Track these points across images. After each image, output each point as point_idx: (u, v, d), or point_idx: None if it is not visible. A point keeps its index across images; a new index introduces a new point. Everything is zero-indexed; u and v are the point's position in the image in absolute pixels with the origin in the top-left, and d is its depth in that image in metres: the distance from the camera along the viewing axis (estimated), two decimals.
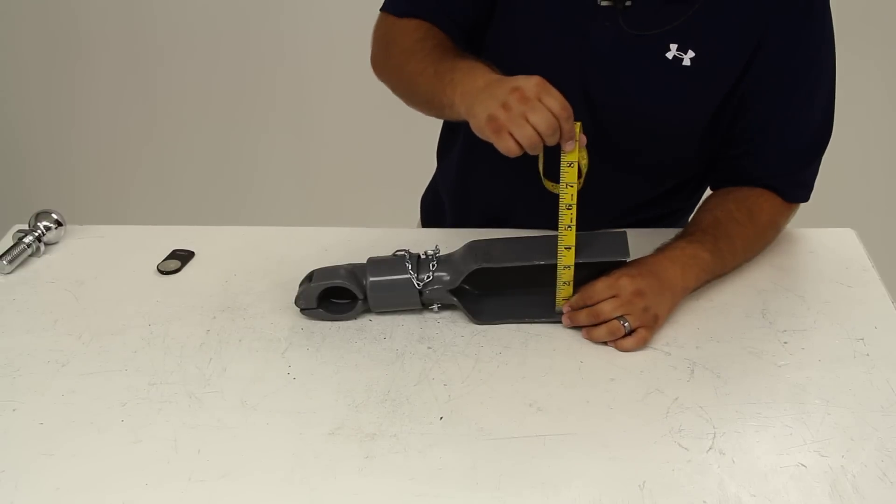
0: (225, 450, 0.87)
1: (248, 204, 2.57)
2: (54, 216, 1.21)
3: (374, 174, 2.50)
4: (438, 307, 1.06)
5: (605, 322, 1.00)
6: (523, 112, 0.92)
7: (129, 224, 1.28)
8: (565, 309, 1.03)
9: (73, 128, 2.58)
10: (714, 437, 0.87)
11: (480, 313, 1.05)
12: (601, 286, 1.01)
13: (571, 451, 0.86)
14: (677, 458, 0.85)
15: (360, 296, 1.04)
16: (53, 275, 1.16)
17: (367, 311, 1.06)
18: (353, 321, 1.05)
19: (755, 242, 1.15)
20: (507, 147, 0.94)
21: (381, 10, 1.20)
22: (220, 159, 2.55)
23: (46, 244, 1.21)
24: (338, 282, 1.03)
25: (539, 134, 0.92)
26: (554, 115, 0.93)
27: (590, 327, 1.01)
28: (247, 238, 1.23)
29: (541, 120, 0.92)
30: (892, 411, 0.90)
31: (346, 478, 0.84)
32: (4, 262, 1.15)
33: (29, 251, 1.18)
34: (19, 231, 1.19)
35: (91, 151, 2.60)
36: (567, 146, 0.95)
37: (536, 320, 1.04)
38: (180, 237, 1.22)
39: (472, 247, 1.04)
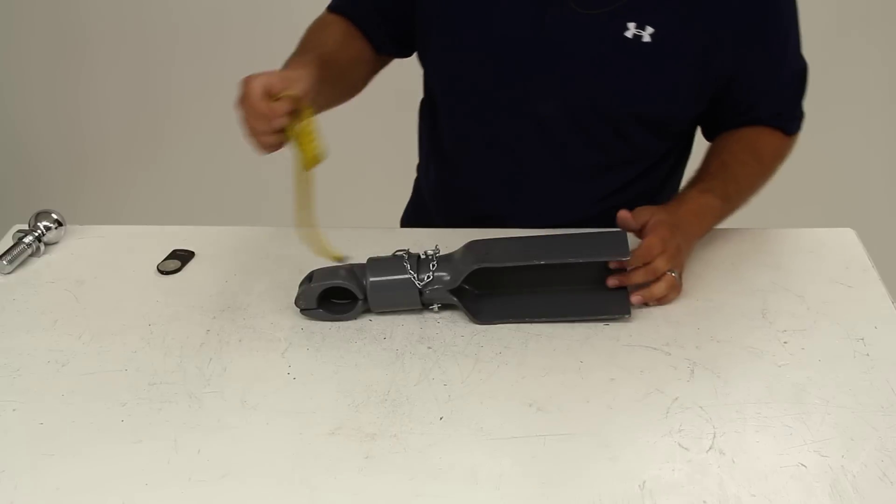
0: (225, 450, 0.87)
1: (248, 204, 2.57)
2: (54, 216, 1.22)
3: (375, 174, 2.50)
4: (438, 307, 1.06)
5: (659, 278, 1.04)
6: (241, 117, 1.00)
7: (129, 224, 1.28)
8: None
9: (73, 128, 2.58)
10: (714, 437, 0.87)
11: (480, 313, 1.04)
12: (657, 242, 1.03)
13: (571, 451, 0.86)
14: (677, 458, 0.85)
15: (360, 296, 1.04)
16: (53, 275, 1.16)
17: (367, 311, 1.06)
18: (353, 321, 1.05)
19: (760, 180, 1.21)
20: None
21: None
22: (220, 159, 2.55)
23: (46, 244, 1.21)
24: (338, 282, 1.03)
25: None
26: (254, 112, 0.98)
27: (645, 289, 1.04)
28: (247, 238, 1.23)
29: (244, 120, 0.99)
30: (892, 411, 0.90)
31: (346, 478, 0.84)
32: (4, 262, 1.15)
33: (29, 251, 1.18)
34: (19, 231, 1.19)
35: (91, 151, 2.61)
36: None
37: (536, 320, 1.04)
38: (180, 237, 1.22)
39: (472, 247, 1.04)
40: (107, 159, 2.60)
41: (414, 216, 1.46)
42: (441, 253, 1.06)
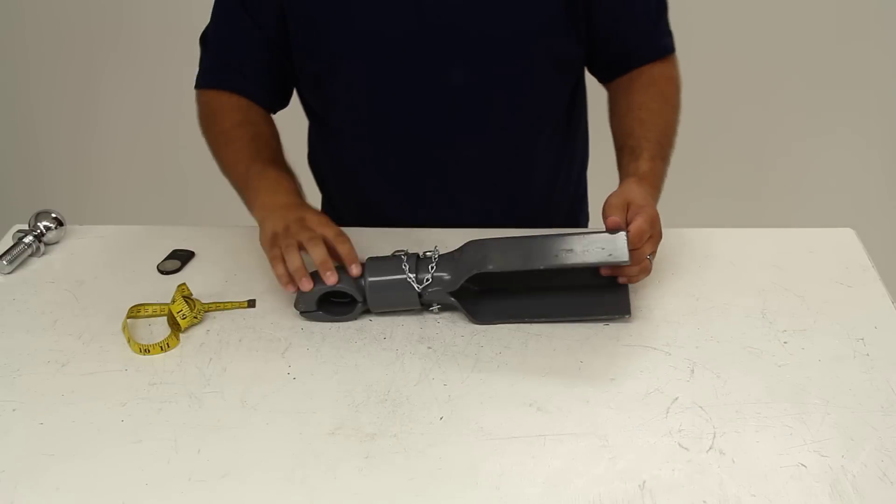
0: (225, 450, 0.87)
1: None
2: (54, 216, 1.22)
3: None
4: (438, 307, 1.06)
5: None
6: (299, 238, 1.02)
7: (129, 224, 1.28)
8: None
9: (73, 128, 2.58)
10: (714, 437, 0.87)
11: (480, 313, 1.04)
12: (646, 226, 1.02)
13: (571, 451, 0.86)
14: (677, 458, 0.85)
15: (360, 299, 1.04)
16: (53, 275, 1.16)
17: (368, 311, 1.06)
18: (354, 321, 1.05)
19: (677, 115, 1.22)
20: (277, 272, 1.04)
21: (195, 88, 1.29)
22: None
23: (46, 244, 1.21)
24: (337, 286, 1.03)
25: (304, 267, 1.02)
26: (328, 243, 1.02)
27: (629, 272, 1.05)
28: (247, 238, 1.23)
29: (313, 248, 1.01)
30: (892, 411, 0.90)
31: (346, 478, 0.84)
32: (4, 262, 1.15)
33: (29, 251, 1.18)
34: (19, 231, 1.19)
35: (91, 151, 2.61)
36: (352, 269, 1.03)
37: (536, 320, 1.04)
38: (180, 237, 1.22)
39: (472, 247, 1.04)
40: (107, 159, 2.60)
41: None
42: (440, 253, 1.06)
